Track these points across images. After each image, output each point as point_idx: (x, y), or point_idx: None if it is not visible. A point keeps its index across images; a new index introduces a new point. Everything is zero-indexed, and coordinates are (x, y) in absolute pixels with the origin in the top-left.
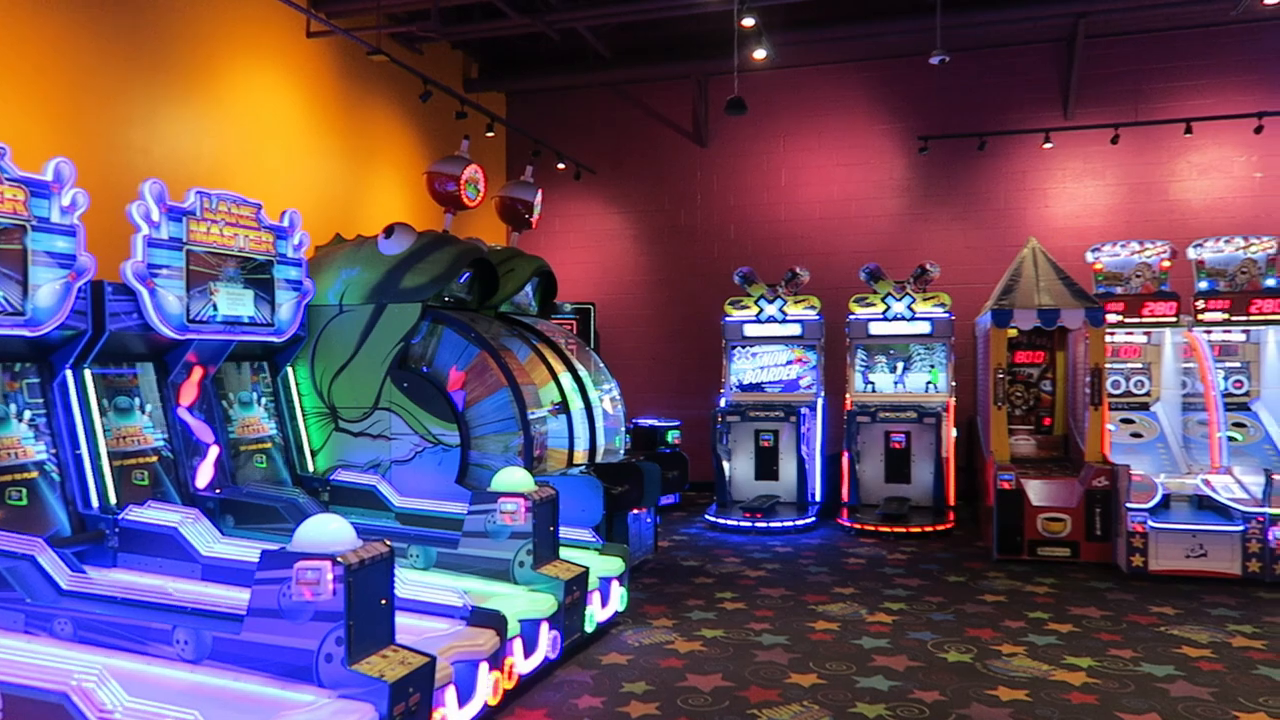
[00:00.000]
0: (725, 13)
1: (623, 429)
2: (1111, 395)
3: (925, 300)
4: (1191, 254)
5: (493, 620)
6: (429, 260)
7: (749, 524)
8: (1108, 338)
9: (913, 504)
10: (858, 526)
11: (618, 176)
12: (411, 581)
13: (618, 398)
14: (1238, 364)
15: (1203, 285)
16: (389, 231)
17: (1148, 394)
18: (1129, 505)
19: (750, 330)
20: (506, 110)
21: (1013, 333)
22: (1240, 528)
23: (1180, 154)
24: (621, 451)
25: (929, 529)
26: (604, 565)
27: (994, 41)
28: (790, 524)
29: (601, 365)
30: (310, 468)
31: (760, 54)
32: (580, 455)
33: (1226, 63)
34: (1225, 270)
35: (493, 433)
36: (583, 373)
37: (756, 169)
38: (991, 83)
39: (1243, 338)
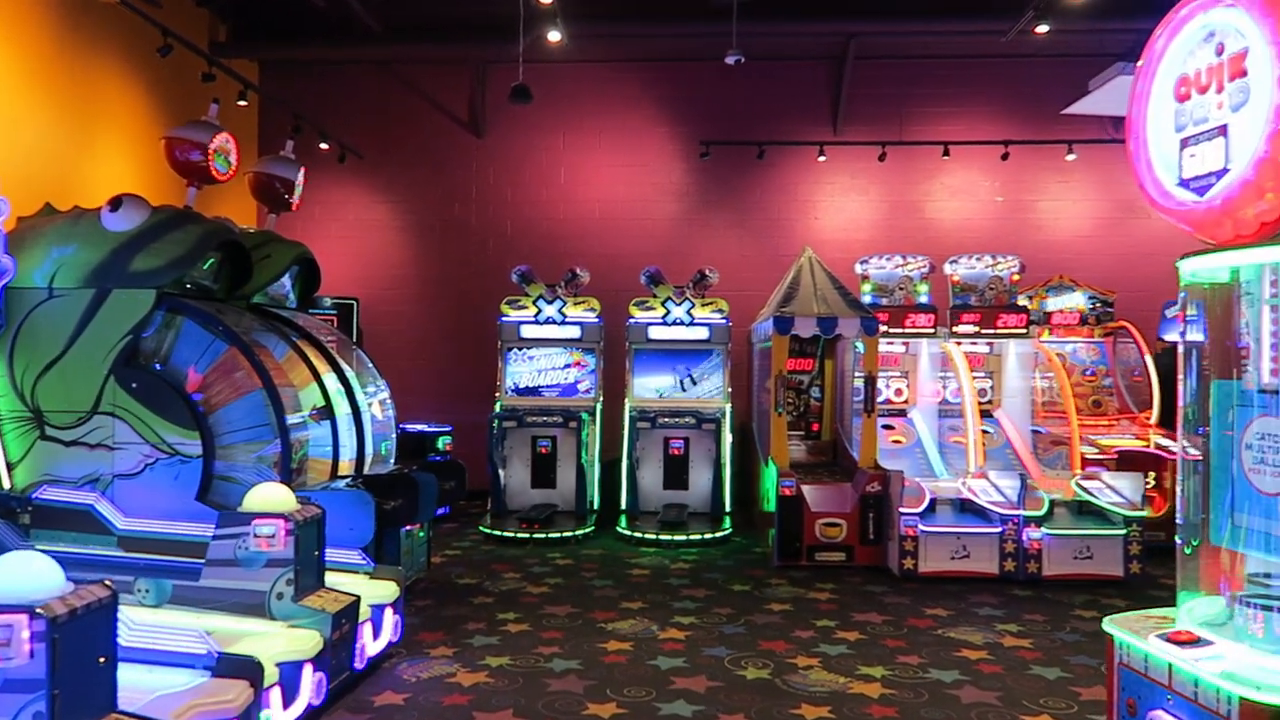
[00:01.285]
0: None
1: (393, 435)
2: (864, 401)
3: (704, 306)
4: (948, 270)
5: (244, 668)
6: (167, 240)
7: (526, 535)
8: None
9: (691, 511)
10: (638, 535)
11: (387, 162)
12: (140, 625)
13: (388, 401)
14: (983, 374)
15: (957, 299)
16: (116, 204)
17: (906, 401)
18: (902, 510)
19: (528, 331)
20: (259, 80)
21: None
22: (998, 529)
23: (935, 175)
24: (391, 460)
25: (708, 536)
26: (376, 591)
27: (774, 53)
28: (570, 534)
29: (370, 365)
30: (6, 484)
31: (554, 36)
32: (346, 465)
33: (979, 93)
34: (976, 286)
35: (243, 441)
36: (349, 373)
37: (535, 164)
38: (771, 93)
39: (987, 350)
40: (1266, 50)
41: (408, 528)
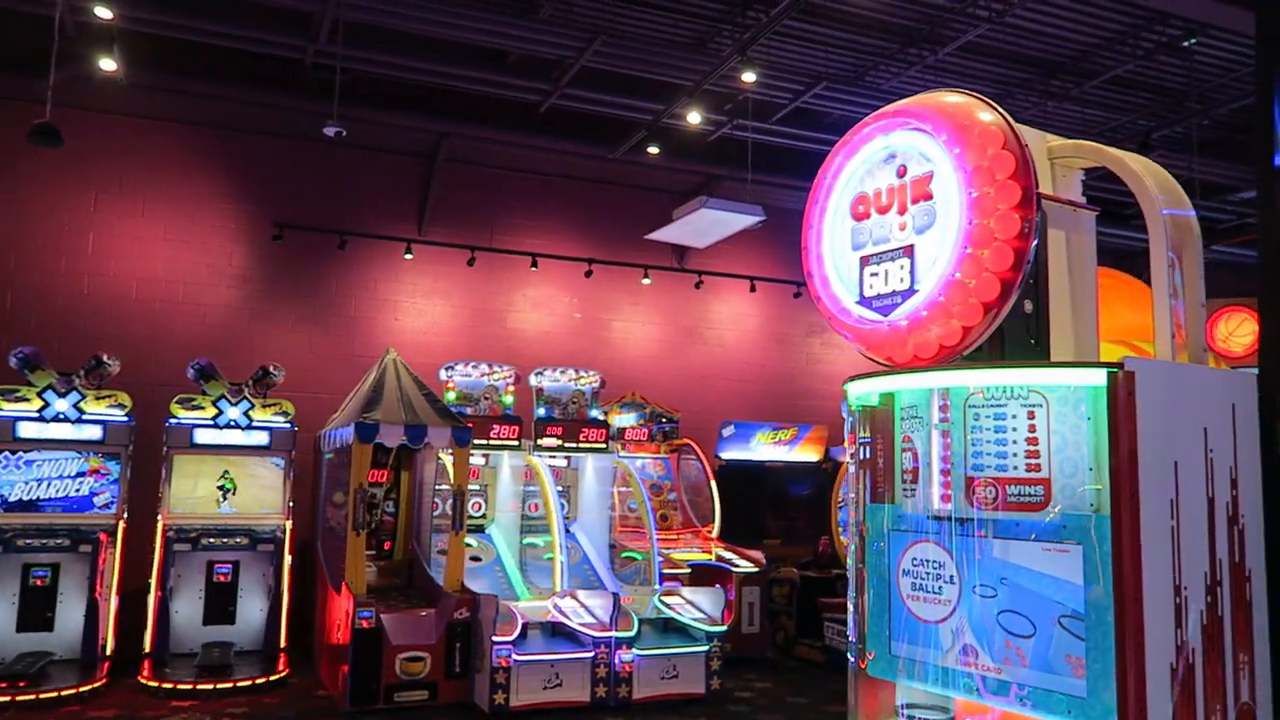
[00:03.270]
0: (38, 19)
1: None
2: (451, 517)
3: (266, 407)
4: (533, 381)
5: None
6: None
7: (6, 698)
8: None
9: (239, 649)
10: (168, 685)
11: None
12: None
13: None
14: (562, 488)
15: (541, 412)
16: None
17: (484, 516)
18: (494, 638)
19: (28, 430)
20: None
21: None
22: (590, 653)
23: (520, 286)
24: None
25: (260, 680)
26: None
27: (363, 141)
28: (71, 690)
29: None
30: None
31: (109, 65)
32: None
33: (567, 211)
34: (560, 399)
35: None
36: None
37: (53, 227)
38: (357, 182)
39: (565, 463)
40: (955, 175)
41: None
